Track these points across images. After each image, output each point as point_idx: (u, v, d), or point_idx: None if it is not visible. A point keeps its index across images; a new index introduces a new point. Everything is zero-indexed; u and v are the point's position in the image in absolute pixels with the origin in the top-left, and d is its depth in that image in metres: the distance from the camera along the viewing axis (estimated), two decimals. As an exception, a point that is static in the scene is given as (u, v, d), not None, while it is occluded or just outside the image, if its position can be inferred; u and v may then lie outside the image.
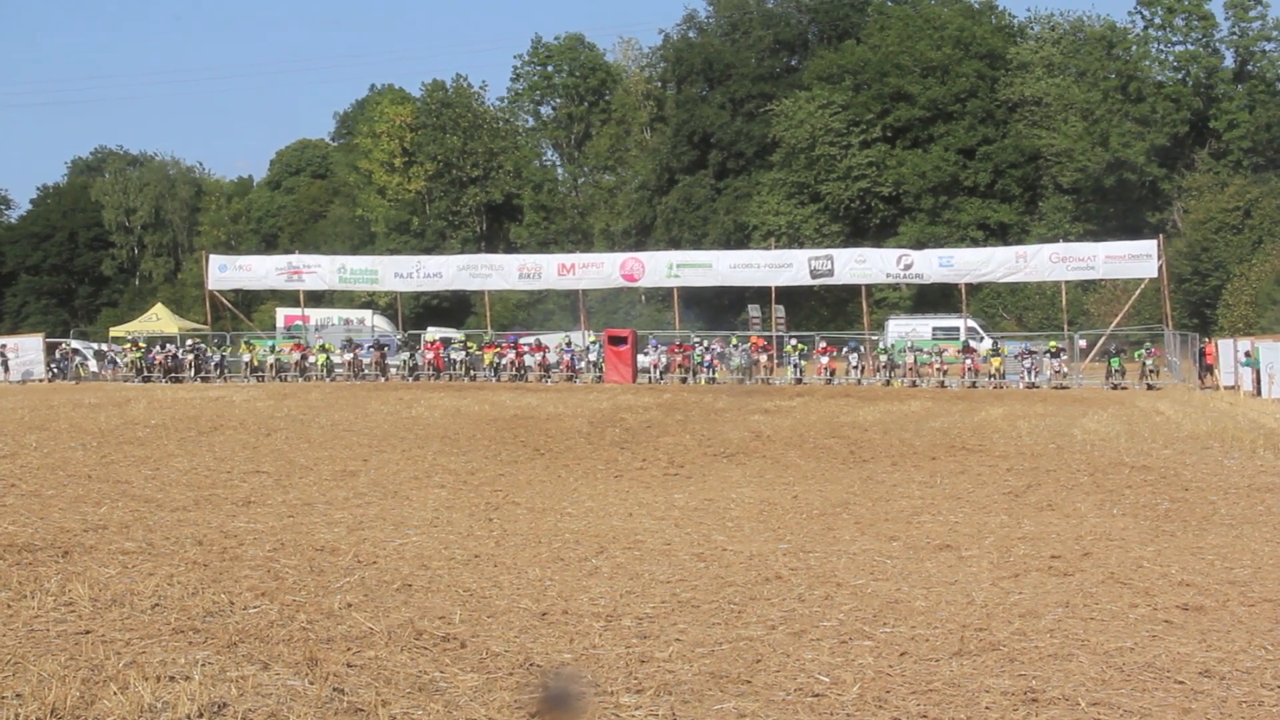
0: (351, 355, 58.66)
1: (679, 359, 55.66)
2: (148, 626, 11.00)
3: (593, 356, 54.78)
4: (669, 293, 69.33)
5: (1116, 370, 53.55)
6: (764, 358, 50.50)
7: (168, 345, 60.26)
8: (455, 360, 56.60)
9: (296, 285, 70.72)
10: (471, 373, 56.51)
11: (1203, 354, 54.89)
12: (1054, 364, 51.98)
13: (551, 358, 56.60)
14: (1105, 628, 11.09)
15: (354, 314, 74.13)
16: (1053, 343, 53.55)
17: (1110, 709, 8.66)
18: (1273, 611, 11.78)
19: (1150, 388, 51.04)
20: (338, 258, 75.89)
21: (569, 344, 54.95)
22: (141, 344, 60.55)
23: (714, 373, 52.01)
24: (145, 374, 57.96)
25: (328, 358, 57.51)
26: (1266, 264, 75.55)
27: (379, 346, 58.70)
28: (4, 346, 60.08)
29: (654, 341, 56.17)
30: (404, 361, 60.43)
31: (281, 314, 74.95)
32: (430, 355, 54.27)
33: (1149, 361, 53.75)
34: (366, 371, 57.75)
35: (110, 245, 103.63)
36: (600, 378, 52.36)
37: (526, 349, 57.51)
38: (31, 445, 26.25)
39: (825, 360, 52.49)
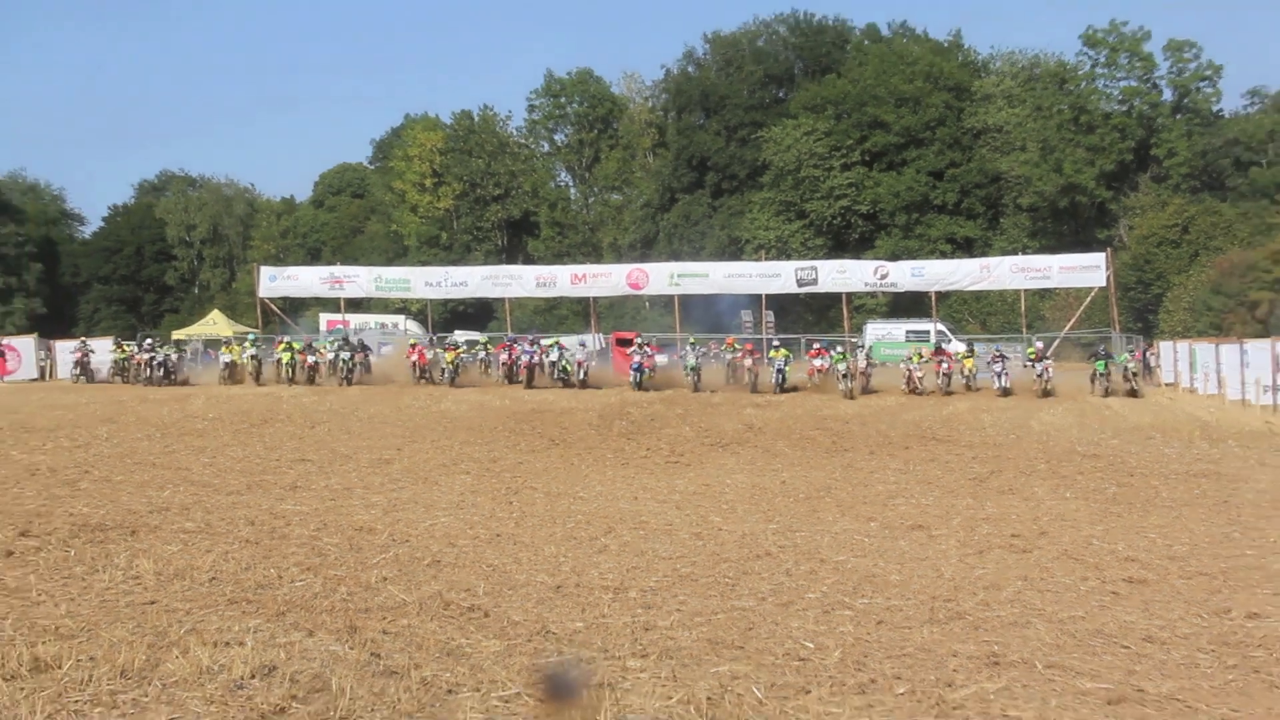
0: (333, 354, 54.98)
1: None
2: (206, 598, 11.02)
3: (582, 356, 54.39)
4: (670, 299, 69.69)
5: (1102, 374, 47.27)
6: (749, 360, 49.45)
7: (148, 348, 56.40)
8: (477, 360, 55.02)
9: (338, 293, 71.39)
10: (488, 371, 54.47)
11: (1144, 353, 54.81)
12: (1038, 368, 47.24)
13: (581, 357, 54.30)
14: (1059, 598, 11.10)
15: (389, 319, 74.02)
16: (1031, 349, 49.54)
17: (1064, 670, 8.68)
18: (1208, 584, 11.78)
19: (1133, 393, 46.30)
20: (374, 269, 76.49)
21: (582, 345, 54.24)
22: (127, 347, 58.62)
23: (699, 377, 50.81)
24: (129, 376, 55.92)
25: (292, 355, 54.31)
26: (1202, 275, 75.94)
27: (363, 348, 55.75)
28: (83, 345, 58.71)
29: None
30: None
31: (324, 319, 75.06)
32: (414, 357, 52.45)
33: (1132, 365, 48.36)
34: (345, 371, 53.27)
35: (172, 258, 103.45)
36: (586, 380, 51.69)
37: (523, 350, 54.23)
38: (103, 436, 26.27)
39: (818, 363, 49.40)
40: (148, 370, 54.42)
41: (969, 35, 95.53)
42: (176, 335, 64.86)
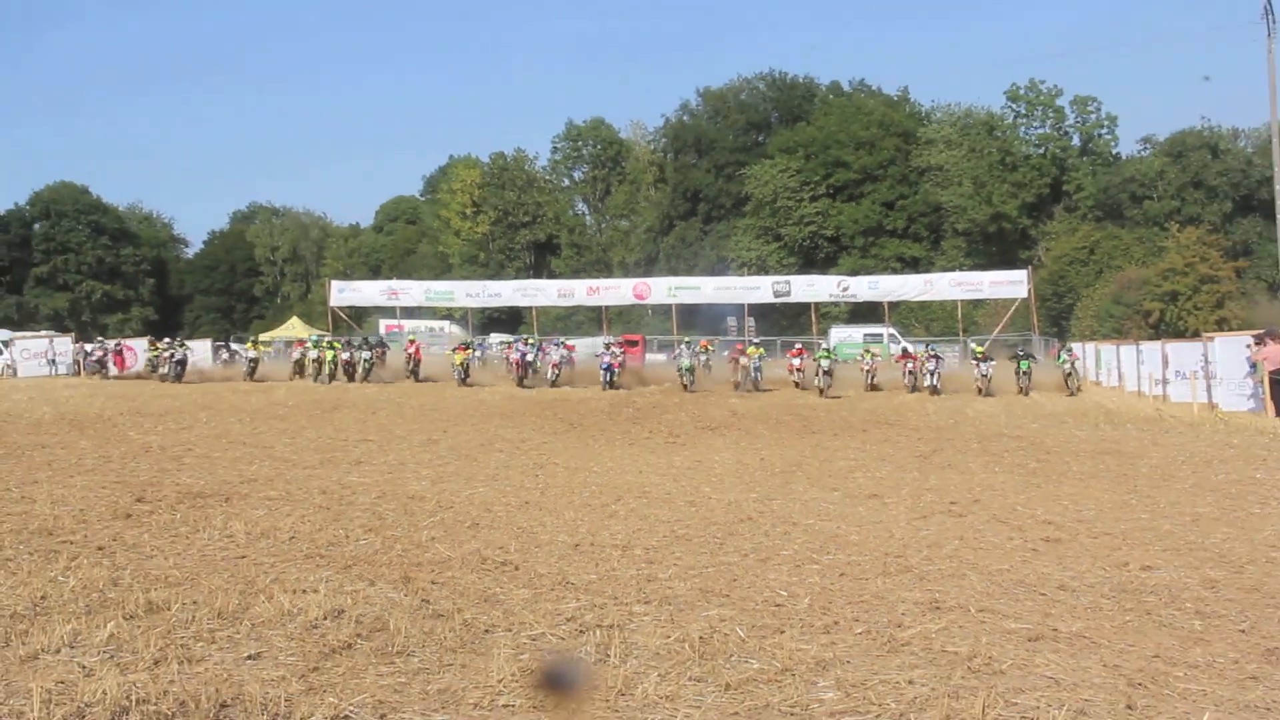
0: (349, 355, 51.36)
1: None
2: (286, 553, 11.03)
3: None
4: (669, 308, 70.21)
5: (1024, 373, 43.00)
6: (741, 359, 48.46)
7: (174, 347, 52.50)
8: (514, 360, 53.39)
9: (394, 303, 72.67)
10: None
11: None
12: (982, 367, 43.61)
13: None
14: (989, 554, 11.08)
15: (436, 324, 74.11)
16: (979, 349, 47.03)
17: (993, 613, 8.67)
18: (1110, 542, 11.76)
19: (1073, 395, 41.32)
20: (424, 283, 76.93)
21: (606, 347, 51.62)
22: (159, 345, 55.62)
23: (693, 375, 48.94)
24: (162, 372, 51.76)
25: (334, 355, 50.33)
26: (1105, 288, 76.07)
27: (381, 345, 52.90)
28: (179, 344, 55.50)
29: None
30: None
31: (383, 324, 75.30)
32: (411, 350, 50.07)
33: (1069, 365, 44.00)
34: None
35: (259, 274, 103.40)
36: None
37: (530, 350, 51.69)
38: (203, 420, 26.31)
39: (797, 361, 47.10)
40: (166, 367, 51.00)
41: (915, 91, 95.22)
42: (263, 337, 64.22)
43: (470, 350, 49.16)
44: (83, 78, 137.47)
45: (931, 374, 44.00)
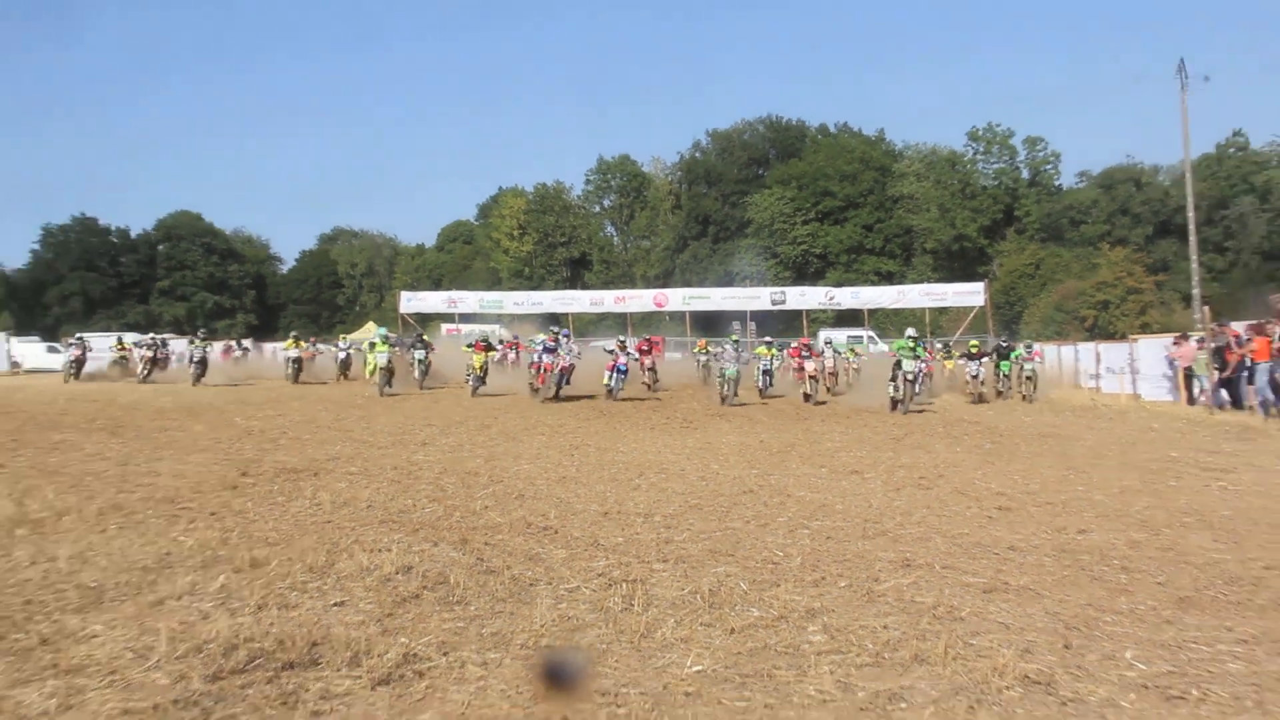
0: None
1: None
2: (364, 519, 11.03)
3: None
4: (684, 314, 70.44)
5: (1005, 375, 35.29)
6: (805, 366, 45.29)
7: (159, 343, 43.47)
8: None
9: (453, 310, 72.58)
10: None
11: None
12: (972, 367, 34.24)
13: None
14: (951, 521, 11.05)
15: (488, 328, 74.20)
16: (974, 344, 37.05)
17: (954, 570, 8.65)
18: (1052, 510, 11.72)
19: (1026, 398, 34.08)
20: (478, 293, 77.09)
21: (624, 346, 46.65)
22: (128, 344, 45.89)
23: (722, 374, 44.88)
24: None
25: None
26: (1049, 298, 76.05)
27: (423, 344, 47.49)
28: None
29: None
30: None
31: (444, 328, 75.38)
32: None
33: (1029, 365, 35.43)
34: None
35: (341, 286, 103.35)
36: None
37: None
38: (295, 408, 26.32)
39: (811, 366, 41.73)
40: (144, 367, 41.07)
41: (889, 132, 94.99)
42: (342, 338, 63.97)
43: (490, 352, 35.66)
44: (197, 123, 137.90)
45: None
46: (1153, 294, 74.38)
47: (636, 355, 37.20)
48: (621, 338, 42.79)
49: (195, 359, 39.72)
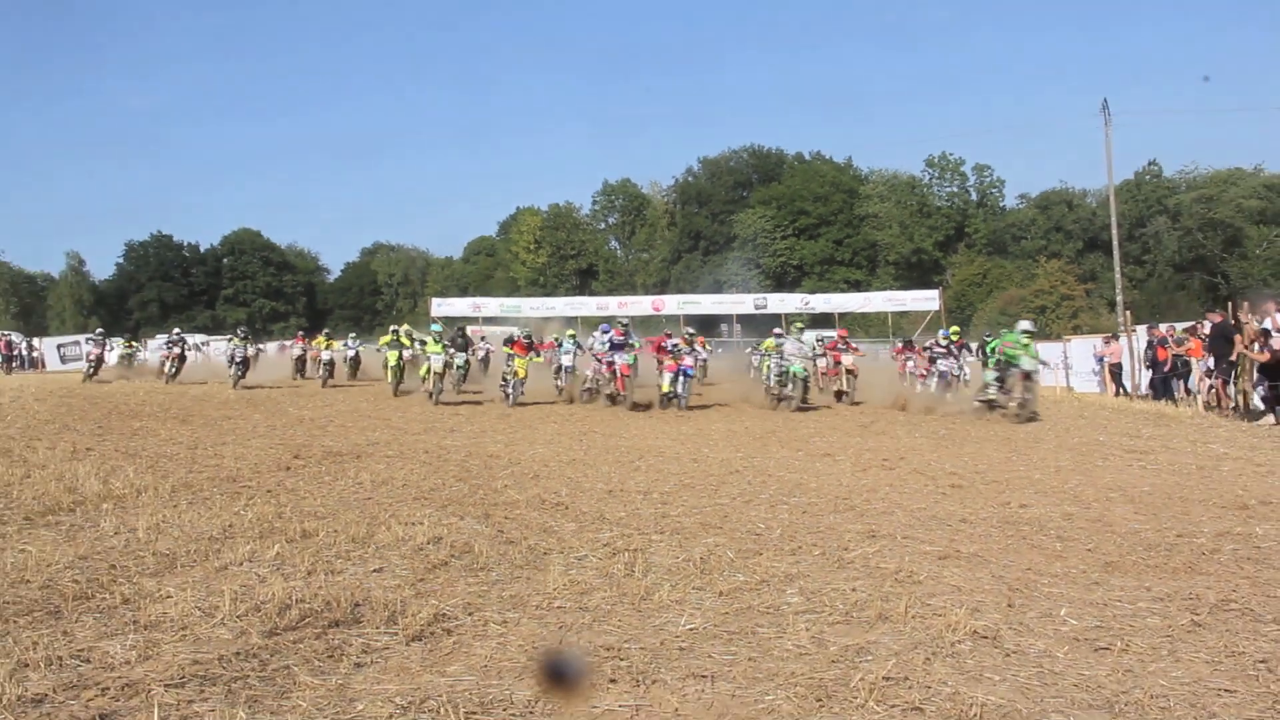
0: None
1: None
2: (400, 496, 11.01)
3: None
4: (678, 317, 70.52)
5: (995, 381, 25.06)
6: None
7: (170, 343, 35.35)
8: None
9: (478, 314, 72.55)
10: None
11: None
12: (943, 365, 28.38)
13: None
14: (911, 497, 11.03)
15: (507, 329, 74.30)
16: (955, 330, 30.75)
17: (913, 539, 8.63)
18: (998, 488, 11.71)
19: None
20: (499, 299, 77.47)
21: (691, 342, 38.22)
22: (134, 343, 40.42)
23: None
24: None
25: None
26: (994, 303, 76.34)
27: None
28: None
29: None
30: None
31: (469, 329, 75.55)
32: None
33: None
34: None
35: (380, 294, 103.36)
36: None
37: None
38: (340, 399, 26.32)
39: (848, 360, 37.86)
40: (169, 366, 34.31)
41: (856, 159, 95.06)
42: (352, 336, 63.18)
43: (534, 355, 26.76)
44: (257, 153, 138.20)
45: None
46: (1083, 300, 75.04)
47: (704, 354, 32.18)
48: (691, 330, 38.14)
49: (238, 359, 31.87)
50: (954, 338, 26.79)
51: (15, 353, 49.97)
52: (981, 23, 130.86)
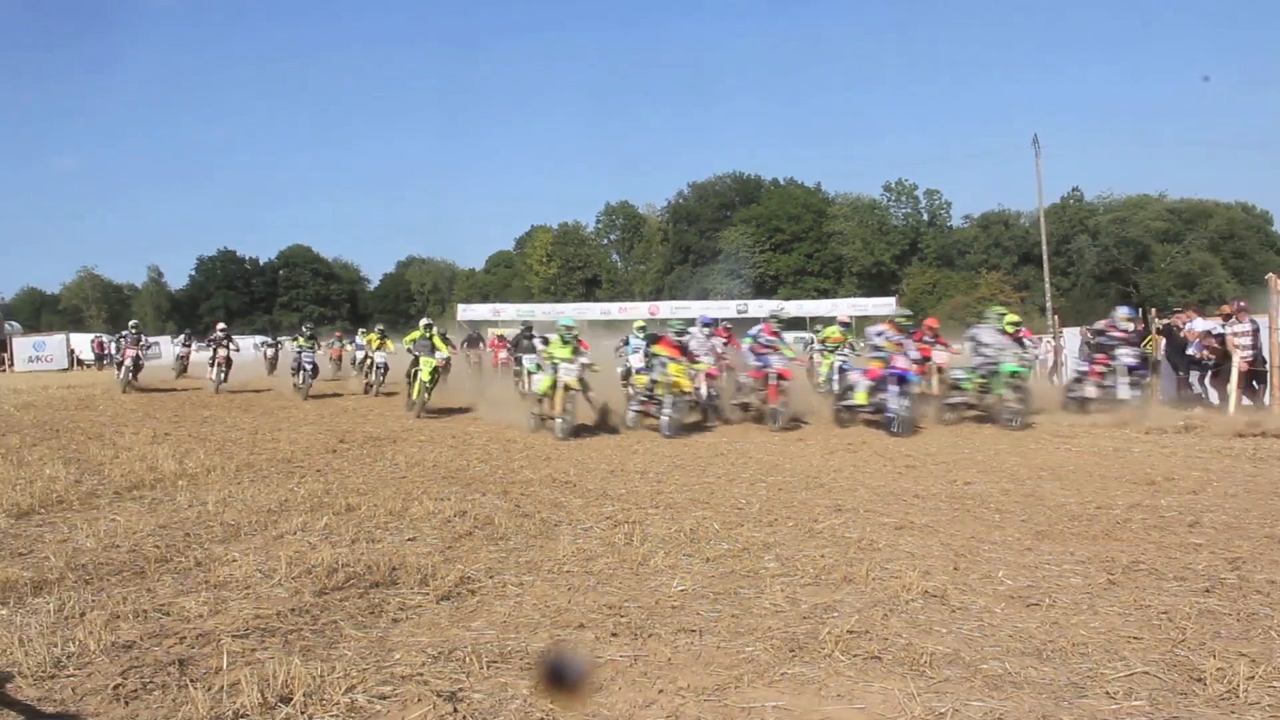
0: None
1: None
2: (430, 475, 11.02)
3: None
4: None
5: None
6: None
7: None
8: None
9: (498, 318, 72.27)
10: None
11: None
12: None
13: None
14: (872, 476, 11.01)
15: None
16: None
17: (874, 513, 8.62)
18: (946, 467, 11.68)
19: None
20: (516, 305, 77.20)
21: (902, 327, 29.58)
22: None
23: None
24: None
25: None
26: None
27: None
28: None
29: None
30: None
31: (490, 331, 75.68)
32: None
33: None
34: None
35: (414, 300, 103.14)
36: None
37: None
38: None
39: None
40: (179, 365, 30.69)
41: (825, 185, 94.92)
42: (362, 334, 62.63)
43: (585, 365, 16.20)
44: (310, 179, 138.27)
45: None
46: (1018, 307, 75.15)
47: (921, 354, 20.04)
48: (906, 312, 24.14)
49: (306, 365, 24.07)
50: (1008, 328, 18.31)
51: (106, 352, 50.04)
52: (934, 66, 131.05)
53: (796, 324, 71.95)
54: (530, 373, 19.38)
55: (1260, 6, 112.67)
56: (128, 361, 25.97)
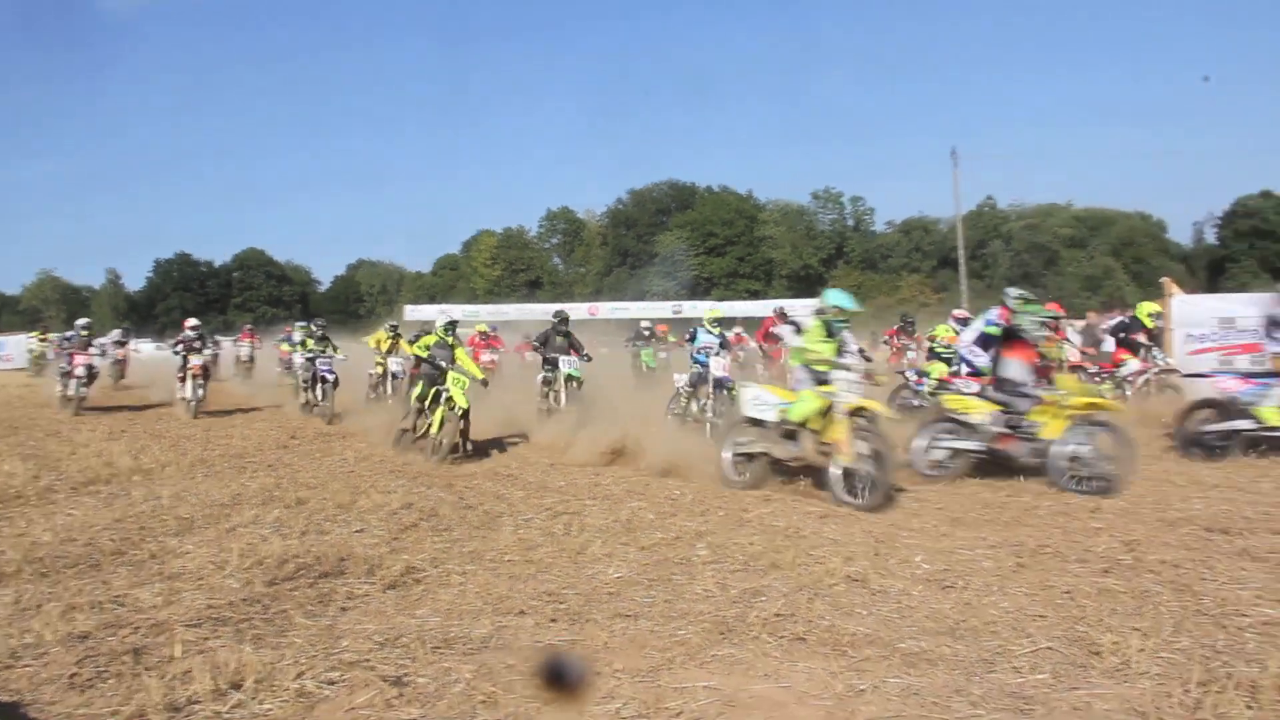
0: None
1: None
2: (378, 469, 10.97)
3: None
4: (609, 321, 70.45)
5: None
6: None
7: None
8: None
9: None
10: None
11: None
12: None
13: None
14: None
15: (468, 333, 73.82)
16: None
17: (800, 501, 8.68)
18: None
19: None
20: (462, 306, 76.46)
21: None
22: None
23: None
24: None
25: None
26: (868, 310, 77.29)
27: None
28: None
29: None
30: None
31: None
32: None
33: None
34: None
35: (363, 301, 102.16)
36: None
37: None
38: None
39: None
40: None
41: (756, 191, 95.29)
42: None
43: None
44: (264, 184, 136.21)
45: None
46: (937, 308, 76.11)
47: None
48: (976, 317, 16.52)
49: (324, 373, 17.87)
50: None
51: (52, 357, 48.75)
52: (859, 79, 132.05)
53: (728, 324, 72.48)
54: (568, 378, 15.14)
55: (1169, 33, 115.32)
56: (78, 371, 18.33)
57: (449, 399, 12.17)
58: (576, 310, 70.61)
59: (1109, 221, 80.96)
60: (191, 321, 19.47)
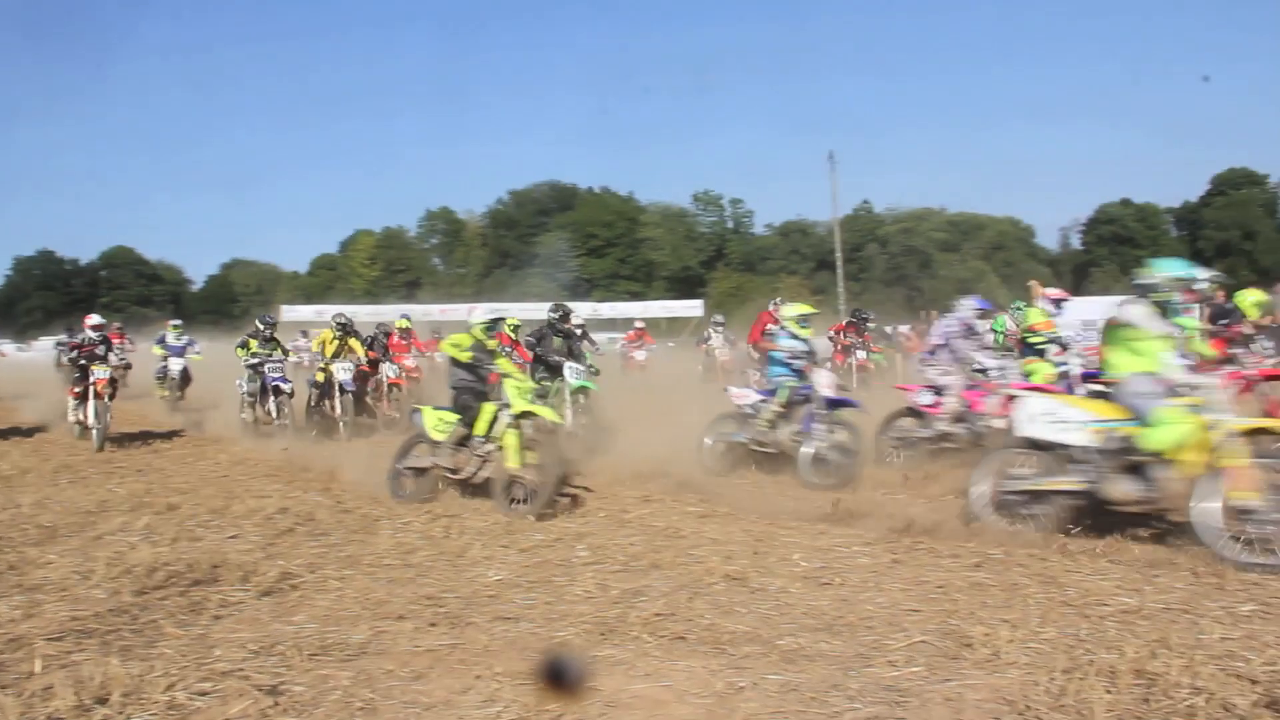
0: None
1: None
2: (253, 473, 10.78)
3: None
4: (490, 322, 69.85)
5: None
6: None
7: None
8: None
9: (320, 319, 70.26)
10: None
11: None
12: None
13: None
14: (679, 466, 11.08)
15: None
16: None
17: (680, 501, 8.72)
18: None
19: None
20: (339, 306, 74.62)
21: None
22: None
23: None
24: None
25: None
26: (747, 311, 78.29)
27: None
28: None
29: None
30: None
31: (313, 331, 73.57)
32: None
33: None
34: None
35: (238, 301, 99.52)
36: None
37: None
38: (198, 393, 24.74)
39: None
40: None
41: (637, 193, 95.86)
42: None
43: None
44: (133, 178, 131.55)
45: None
46: (815, 309, 77.56)
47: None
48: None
49: (275, 382, 14.64)
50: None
51: None
52: (740, 82, 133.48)
53: (609, 325, 72.66)
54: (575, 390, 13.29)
55: (1044, 45, 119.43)
56: None
57: (519, 416, 8.71)
58: (459, 311, 69.92)
59: (980, 226, 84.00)
60: (94, 319, 15.00)
